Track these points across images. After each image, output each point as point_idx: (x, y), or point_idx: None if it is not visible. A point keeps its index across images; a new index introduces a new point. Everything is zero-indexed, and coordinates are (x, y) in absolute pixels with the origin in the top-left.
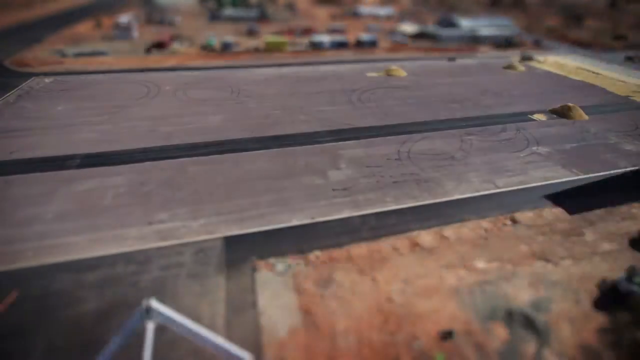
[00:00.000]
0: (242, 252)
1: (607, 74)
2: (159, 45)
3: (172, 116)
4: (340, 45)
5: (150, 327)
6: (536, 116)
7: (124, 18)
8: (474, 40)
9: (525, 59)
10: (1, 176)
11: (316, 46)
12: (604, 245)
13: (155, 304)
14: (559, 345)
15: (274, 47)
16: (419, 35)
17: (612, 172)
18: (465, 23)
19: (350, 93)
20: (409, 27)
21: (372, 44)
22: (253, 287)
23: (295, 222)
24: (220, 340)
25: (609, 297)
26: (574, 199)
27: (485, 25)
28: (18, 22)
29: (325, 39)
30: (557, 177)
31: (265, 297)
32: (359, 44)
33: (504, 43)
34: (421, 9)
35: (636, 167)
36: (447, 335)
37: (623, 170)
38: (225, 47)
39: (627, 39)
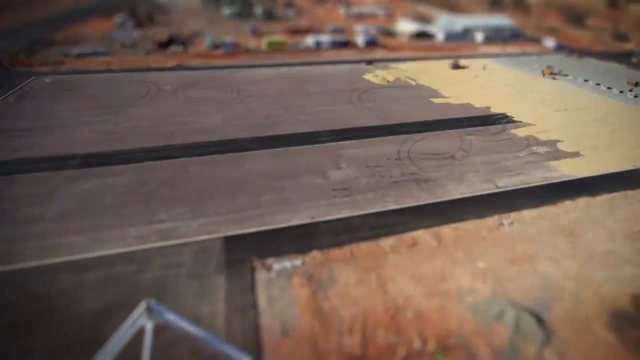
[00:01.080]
0: (242, 252)
1: None
2: (162, 45)
3: (172, 116)
4: (341, 45)
5: (150, 327)
6: None
7: (123, 18)
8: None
9: None
10: (2, 176)
11: (316, 46)
12: (605, 245)
13: (155, 304)
14: (560, 345)
15: (274, 47)
16: (419, 35)
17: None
18: (466, 23)
19: (350, 93)
20: (408, 26)
21: (372, 44)
22: (253, 287)
23: (295, 222)
24: (220, 340)
25: None
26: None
27: (485, 25)
28: (19, 22)
29: (325, 38)
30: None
31: (265, 297)
32: (359, 44)
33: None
34: (421, 8)
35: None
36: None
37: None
38: (225, 47)
39: (627, 38)
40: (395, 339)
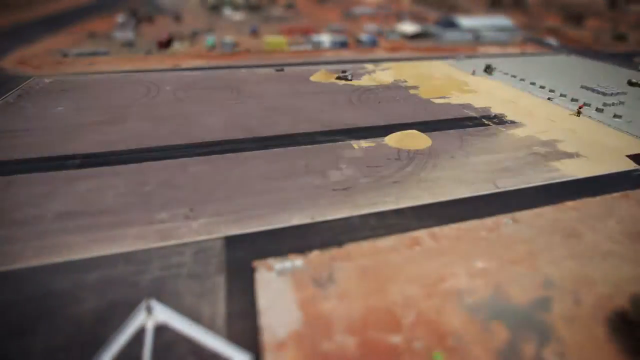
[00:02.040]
0: (242, 252)
1: None
2: (162, 45)
3: (172, 116)
4: (341, 45)
5: (150, 327)
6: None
7: (123, 18)
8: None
9: None
10: (2, 176)
11: (316, 46)
12: (605, 245)
13: (155, 304)
14: (559, 345)
15: (274, 47)
16: (419, 35)
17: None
18: (466, 23)
19: (350, 93)
20: (408, 27)
21: (372, 44)
22: (253, 287)
23: (295, 222)
24: (220, 340)
25: None
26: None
27: (485, 25)
28: (18, 22)
29: (325, 38)
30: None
31: (265, 297)
32: (359, 44)
33: None
34: (421, 8)
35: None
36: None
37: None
38: (225, 47)
39: (627, 39)
40: (394, 340)
